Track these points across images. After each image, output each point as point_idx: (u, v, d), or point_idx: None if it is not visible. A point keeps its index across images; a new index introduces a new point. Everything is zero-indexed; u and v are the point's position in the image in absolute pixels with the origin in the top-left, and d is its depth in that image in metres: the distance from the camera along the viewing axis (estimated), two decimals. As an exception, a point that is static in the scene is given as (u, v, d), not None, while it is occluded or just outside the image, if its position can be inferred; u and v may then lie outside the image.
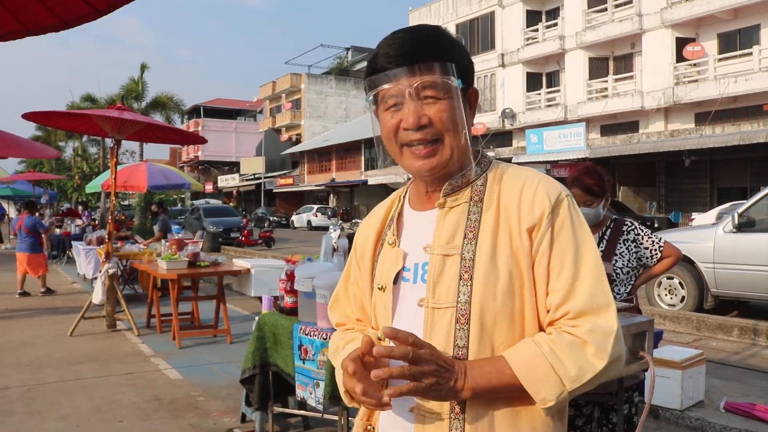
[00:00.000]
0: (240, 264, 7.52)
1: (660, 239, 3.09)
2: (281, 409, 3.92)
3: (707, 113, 21.16)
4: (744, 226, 7.10)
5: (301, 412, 4.00)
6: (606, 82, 25.28)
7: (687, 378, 4.26)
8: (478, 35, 30.76)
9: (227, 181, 54.52)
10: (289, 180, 47.29)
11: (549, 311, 1.16)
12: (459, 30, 31.16)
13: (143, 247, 9.16)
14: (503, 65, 29.38)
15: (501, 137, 29.09)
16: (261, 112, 59.30)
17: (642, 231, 3.08)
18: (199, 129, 57.99)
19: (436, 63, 1.17)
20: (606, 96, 25.02)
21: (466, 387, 1.10)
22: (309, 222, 34.47)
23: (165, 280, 7.06)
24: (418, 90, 1.16)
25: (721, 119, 21.00)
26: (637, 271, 3.08)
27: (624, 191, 23.53)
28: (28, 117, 7.08)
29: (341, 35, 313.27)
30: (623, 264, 3.00)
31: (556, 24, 27.23)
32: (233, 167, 58.14)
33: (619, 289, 3.01)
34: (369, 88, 1.21)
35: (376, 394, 1.12)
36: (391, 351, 1.05)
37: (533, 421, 1.16)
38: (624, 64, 25.40)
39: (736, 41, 21.90)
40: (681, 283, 7.64)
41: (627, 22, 24.02)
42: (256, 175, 48.06)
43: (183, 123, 52.05)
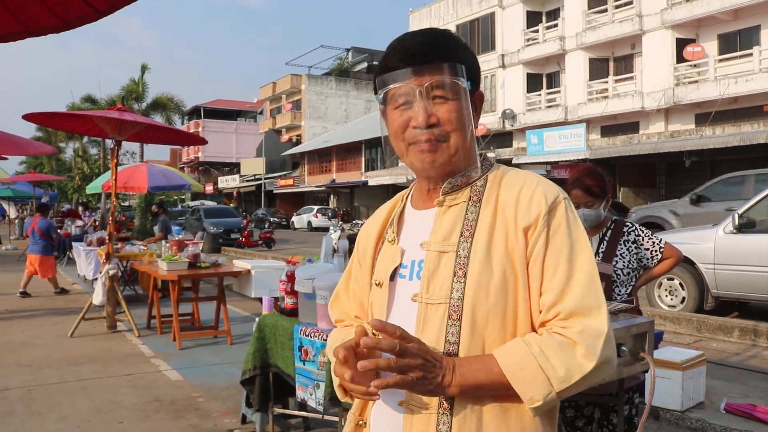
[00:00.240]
0: (240, 265, 7.53)
1: (661, 240, 3.08)
2: (282, 410, 3.92)
3: (707, 114, 21.16)
4: (744, 227, 7.10)
5: (302, 413, 4.00)
6: (606, 83, 25.27)
7: (687, 379, 4.26)
8: (478, 36, 30.76)
9: (227, 182, 54.53)
10: (290, 181, 47.31)
11: (541, 311, 1.16)
12: (459, 31, 31.16)
13: (143, 248, 9.16)
14: (503, 66, 29.38)
15: (501, 138, 29.08)
16: (261, 113, 59.31)
17: (642, 232, 3.07)
18: (200, 130, 58.02)
19: (446, 64, 1.19)
20: (606, 97, 25.01)
21: (453, 383, 1.10)
22: (309, 223, 34.46)
23: (165, 281, 7.07)
24: (428, 89, 1.18)
25: (722, 120, 20.99)
26: (638, 272, 3.08)
27: (624, 192, 23.51)
28: (28, 118, 7.09)
29: (342, 36, 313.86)
30: (624, 265, 2.99)
31: (556, 25, 27.23)
32: (233, 168, 58.17)
33: (620, 290, 3.00)
34: (380, 86, 1.23)
35: (365, 383, 1.13)
36: (378, 343, 1.05)
37: (522, 420, 1.16)
38: (624, 64, 25.40)
39: (736, 42, 21.90)
40: (681, 284, 7.63)
41: (627, 22, 24.03)
42: (256, 176, 48.07)
43: (183, 124, 52.06)
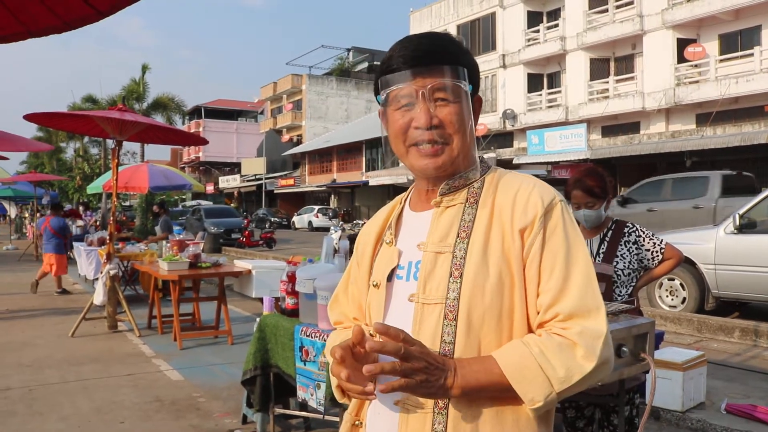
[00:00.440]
0: (241, 265, 7.51)
1: (662, 241, 3.08)
2: (282, 411, 3.92)
3: (708, 114, 21.15)
4: (745, 227, 7.10)
5: (303, 413, 4.00)
6: (607, 83, 25.27)
7: (688, 379, 4.25)
8: (479, 36, 30.76)
9: (228, 182, 54.55)
10: (290, 181, 47.31)
11: (539, 312, 1.17)
12: (460, 31, 31.17)
13: (144, 248, 9.16)
14: (504, 66, 29.38)
15: (502, 138, 29.08)
16: (262, 112, 59.33)
17: (643, 233, 3.07)
18: (200, 130, 58.03)
19: (449, 67, 1.20)
20: (607, 97, 25.01)
21: (455, 385, 1.11)
22: (310, 223, 34.42)
23: (166, 281, 7.07)
24: (431, 91, 1.20)
25: (723, 120, 20.98)
26: (639, 273, 3.07)
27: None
28: (29, 118, 7.09)
29: (342, 36, 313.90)
30: (624, 265, 2.99)
31: (557, 25, 27.23)
32: (234, 168, 58.17)
33: (620, 291, 3.00)
34: (382, 87, 1.24)
35: (361, 382, 1.14)
36: (384, 346, 1.06)
37: (518, 420, 1.16)
38: (625, 65, 25.40)
39: (737, 42, 21.89)
40: (682, 285, 7.63)
41: (628, 23, 24.02)
42: (257, 176, 48.07)
43: (184, 124, 52.10)
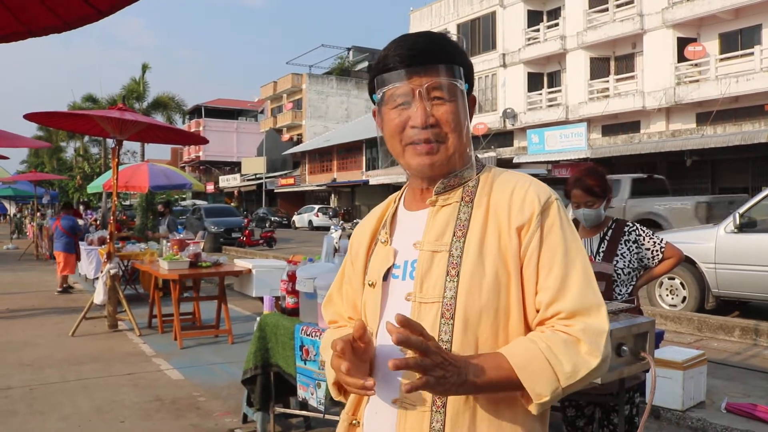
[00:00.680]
0: (241, 264, 7.50)
1: (662, 240, 3.08)
2: (283, 410, 3.93)
3: (709, 113, 21.13)
4: (745, 226, 7.10)
5: (303, 412, 4.01)
6: (607, 82, 25.25)
7: (688, 378, 4.26)
8: (479, 35, 30.75)
9: (228, 182, 54.55)
10: (291, 180, 47.30)
11: (539, 310, 1.17)
12: (460, 30, 31.17)
13: (144, 247, 9.16)
14: (504, 65, 29.36)
15: (502, 137, 29.07)
16: (262, 112, 59.31)
17: (643, 232, 3.07)
18: (201, 129, 58.00)
19: (445, 66, 1.21)
20: (607, 96, 24.99)
21: (468, 381, 1.10)
22: (310, 222, 34.46)
23: (166, 280, 7.07)
24: (428, 90, 1.20)
25: (723, 119, 20.97)
26: (639, 272, 3.07)
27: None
28: (29, 117, 7.10)
29: (342, 35, 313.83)
30: (624, 264, 2.99)
31: (557, 24, 27.21)
32: (234, 167, 58.17)
33: (621, 290, 3.00)
34: (378, 86, 1.24)
35: (360, 377, 1.12)
36: (408, 338, 1.01)
37: (515, 417, 1.17)
38: (625, 64, 25.38)
39: (737, 41, 21.88)
40: (682, 284, 7.63)
41: (628, 22, 24.00)
42: (257, 175, 48.08)
43: (184, 123, 52.01)
